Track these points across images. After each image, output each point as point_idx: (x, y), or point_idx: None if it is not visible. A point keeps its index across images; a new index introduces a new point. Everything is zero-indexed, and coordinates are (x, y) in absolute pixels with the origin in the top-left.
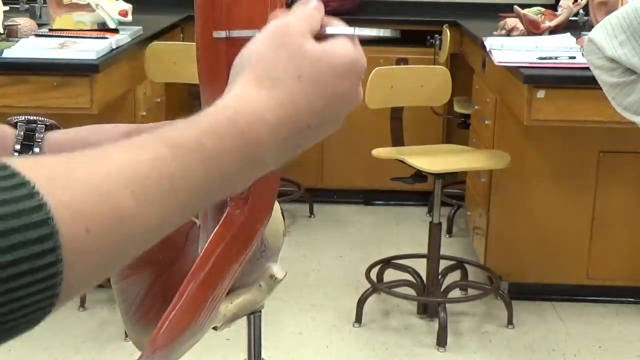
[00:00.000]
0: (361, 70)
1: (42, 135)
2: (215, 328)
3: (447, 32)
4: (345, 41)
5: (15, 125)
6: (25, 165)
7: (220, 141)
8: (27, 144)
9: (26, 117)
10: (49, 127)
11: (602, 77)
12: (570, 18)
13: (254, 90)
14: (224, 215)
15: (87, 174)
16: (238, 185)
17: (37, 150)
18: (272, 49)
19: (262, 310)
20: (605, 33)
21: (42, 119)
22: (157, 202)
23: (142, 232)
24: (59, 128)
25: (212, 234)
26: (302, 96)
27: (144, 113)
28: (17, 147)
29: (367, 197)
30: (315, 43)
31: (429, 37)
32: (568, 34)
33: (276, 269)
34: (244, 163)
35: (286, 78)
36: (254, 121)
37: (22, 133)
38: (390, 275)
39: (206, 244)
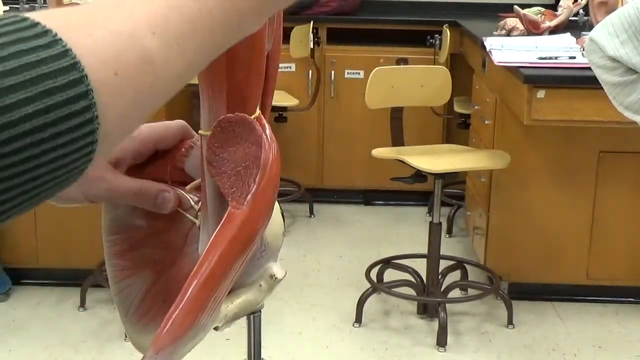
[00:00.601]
0: None
1: None
2: (216, 328)
3: (447, 32)
4: None
5: None
6: (42, 16)
7: None
8: None
9: None
10: None
11: (603, 76)
12: (570, 18)
13: None
14: (225, 214)
15: (107, 19)
16: (253, 23)
17: None
18: None
19: (262, 310)
20: (606, 32)
21: None
22: (181, 43)
23: (168, 74)
24: None
25: (214, 234)
26: None
27: None
28: None
29: (367, 197)
30: None
31: (429, 37)
32: (568, 34)
33: (276, 269)
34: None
35: None
36: None
37: None
38: (390, 275)
39: (208, 244)
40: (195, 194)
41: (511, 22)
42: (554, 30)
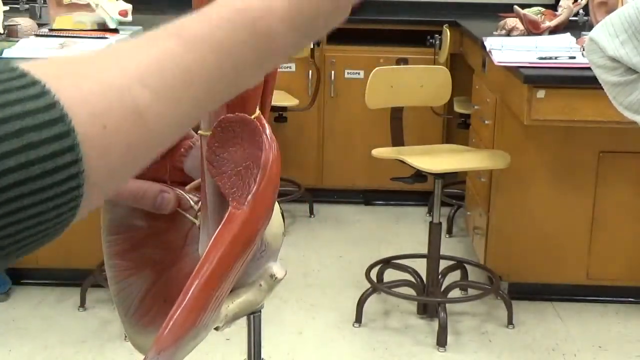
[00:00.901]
0: None
1: None
2: (216, 328)
3: (447, 32)
4: None
5: None
6: (32, 66)
7: (231, 32)
8: None
9: None
10: None
11: (603, 76)
12: (570, 18)
13: None
14: (226, 214)
15: (98, 70)
16: (251, 78)
17: None
18: None
19: (262, 310)
20: (606, 32)
21: None
22: (174, 96)
23: (161, 128)
24: None
25: (215, 233)
26: None
27: None
28: None
29: (367, 197)
30: None
31: (429, 37)
32: (568, 34)
33: (276, 269)
34: (256, 54)
35: None
36: (264, 10)
37: None
38: (390, 275)
39: (209, 244)
40: (195, 194)
41: (511, 22)
42: (554, 30)
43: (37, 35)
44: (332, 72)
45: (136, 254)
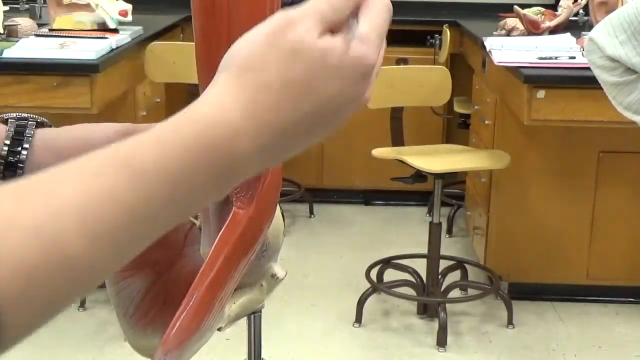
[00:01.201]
0: (365, 69)
1: (32, 132)
2: (219, 329)
3: (447, 32)
4: (342, 39)
5: (6, 122)
6: None
7: (187, 161)
8: (17, 139)
9: (17, 114)
10: (39, 125)
11: (602, 76)
12: (570, 18)
13: (234, 92)
14: (230, 215)
15: (32, 216)
16: (210, 199)
17: (26, 146)
18: (265, 44)
19: (262, 310)
20: (606, 32)
21: (34, 116)
22: (112, 237)
23: (93, 272)
24: (51, 126)
25: (220, 234)
26: (291, 101)
27: (144, 113)
28: (7, 142)
29: (367, 197)
30: (318, 39)
31: (429, 37)
32: (568, 34)
33: (277, 269)
34: (216, 178)
35: (274, 79)
36: (228, 132)
37: (13, 129)
38: (390, 275)
39: (214, 244)
40: None
41: (511, 22)
42: (554, 30)
43: (37, 35)
44: None
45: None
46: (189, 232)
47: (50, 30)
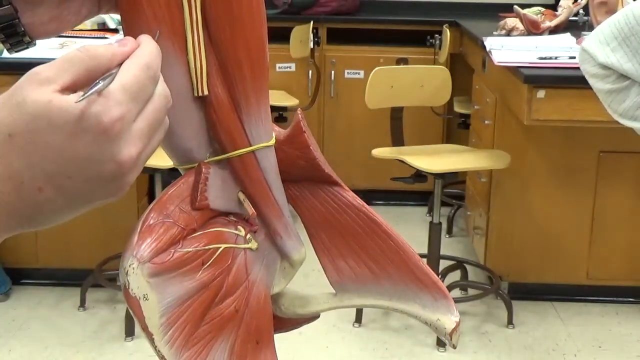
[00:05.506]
0: (102, 127)
1: None
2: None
3: (447, 32)
4: (79, 95)
5: None
6: None
7: None
8: None
9: None
10: None
11: (596, 84)
12: (570, 18)
13: None
14: (346, 194)
15: None
16: None
17: None
18: (5, 97)
19: None
20: (597, 41)
21: None
22: None
23: None
24: None
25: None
26: (16, 157)
27: None
28: None
29: (367, 197)
30: (47, 95)
31: (429, 37)
32: (568, 34)
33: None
34: None
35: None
36: None
37: None
38: None
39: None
40: (235, 222)
41: (511, 22)
42: (554, 30)
43: None
44: (332, 72)
45: (204, 325)
46: (246, 262)
47: None
